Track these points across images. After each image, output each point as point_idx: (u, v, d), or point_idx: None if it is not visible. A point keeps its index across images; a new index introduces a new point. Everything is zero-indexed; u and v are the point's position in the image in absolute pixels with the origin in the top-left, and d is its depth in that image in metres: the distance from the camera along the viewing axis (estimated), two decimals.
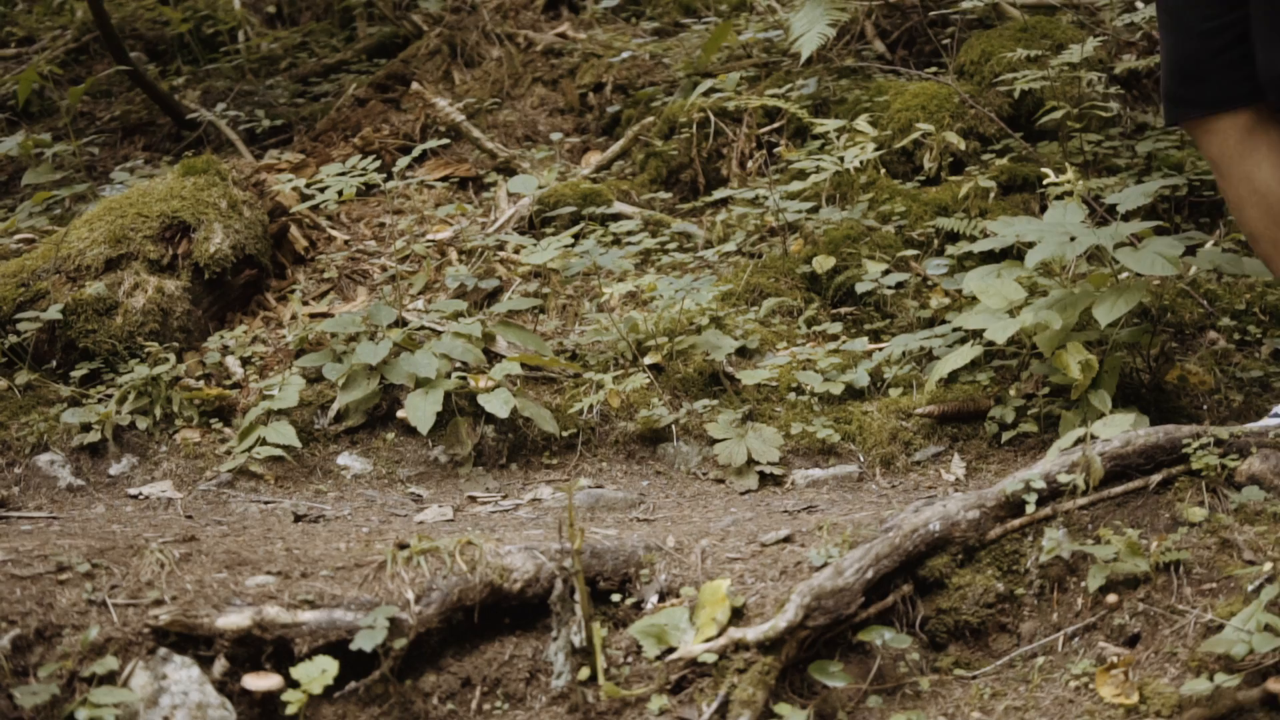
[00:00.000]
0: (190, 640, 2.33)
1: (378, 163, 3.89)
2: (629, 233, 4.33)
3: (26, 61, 6.13)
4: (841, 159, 4.15)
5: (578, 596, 2.40)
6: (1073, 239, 3.49)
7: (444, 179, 4.79)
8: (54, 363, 3.66)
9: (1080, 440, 2.64)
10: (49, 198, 4.36)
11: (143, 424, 3.44)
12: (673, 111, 4.98)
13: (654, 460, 3.44)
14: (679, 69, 5.42)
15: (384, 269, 4.17)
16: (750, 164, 4.69)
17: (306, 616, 2.36)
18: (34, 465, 3.37)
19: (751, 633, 2.33)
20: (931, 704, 2.41)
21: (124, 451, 3.41)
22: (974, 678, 2.46)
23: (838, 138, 4.41)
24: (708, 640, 2.37)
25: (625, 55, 5.65)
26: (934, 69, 4.93)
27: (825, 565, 2.48)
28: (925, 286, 3.98)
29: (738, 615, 2.43)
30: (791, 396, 3.52)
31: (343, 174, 3.84)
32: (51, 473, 3.35)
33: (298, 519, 3.07)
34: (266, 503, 3.21)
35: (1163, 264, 3.14)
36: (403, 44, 6.09)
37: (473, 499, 3.26)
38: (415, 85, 5.15)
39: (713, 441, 3.39)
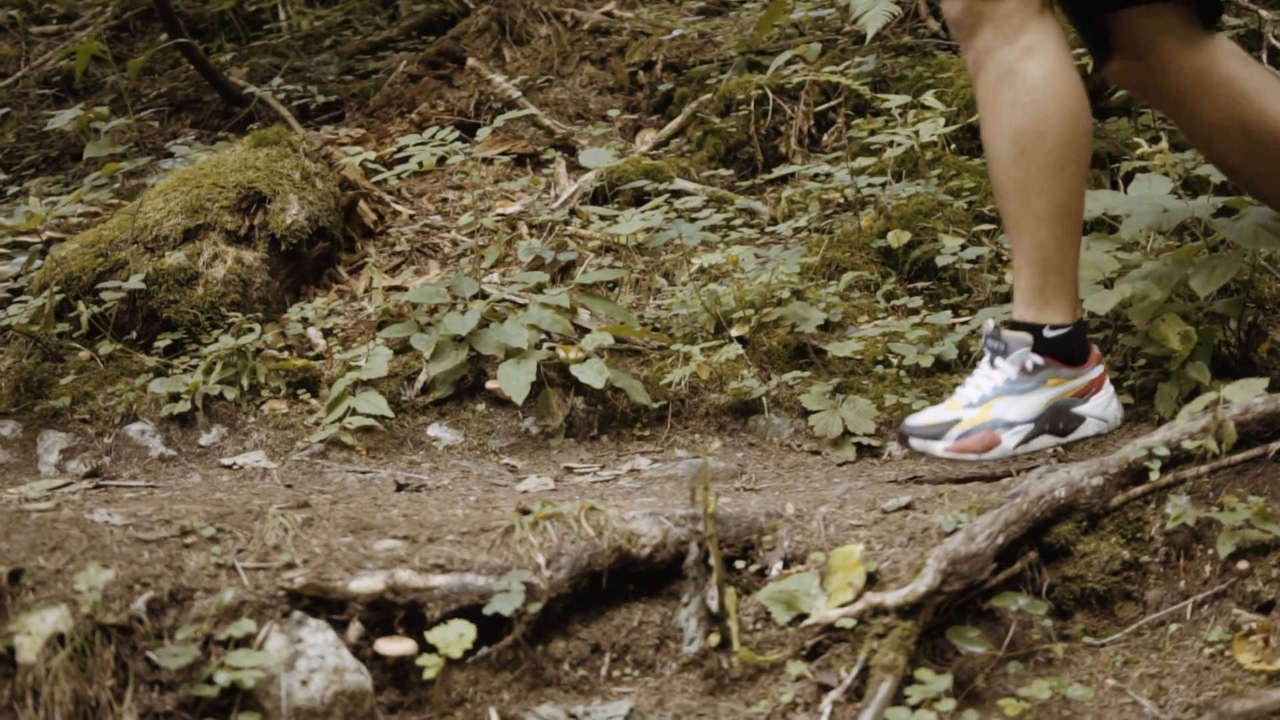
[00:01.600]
0: (322, 604, 2.29)
1: (456, 134, 3.85)
2: (693, 209, 4.30)
3: (68, 38, 6.08)
4: (917, 132, 4.13)
5: (711, 561, 2.37)
6: (1165, 211, 3.48)
7: (502, 154, 4.76)
8: (134, 333, 3.61)
9: (1210, 405, 2.62)
10: (117, 169, 4.31)
11: (230, 394, 3.39)
12: (729, 89, 4.95)
13: (745, 432, 3.41)
14: (730, 47, 5.39)
15: (455, 243, 4.13)
16: (827, 139, 4.66)
17: (438, 581, 2.33)
18: (124, 435, 3.32)
19: (890, 597, 2.30)
20: (1065, 671, 2.39)
21: (213, 422, 3.37)
22: (1103, 645, 2.44)
23: (902, 114, 4.39)
24: (843, 605, 2.35)
25: (675, 34, 5.62)
26: None
27: (955, 531, 2.45)
28: (999, 262, 3.96)
29: (871, 581, 2.41)
30: (879, 369, 3.49)
31: (422, 144, 3.79)
32: (142, 443, 3.30)
33: (400, 488, 3.03)
34: (363, 473, 3.17)
35: (1267, 236, 3.11)
36: (450, 22, 6.06)
37: (569, 470, 3.22)
38: (471, 61, 5.11)
39: (805, 413, 3.35)
